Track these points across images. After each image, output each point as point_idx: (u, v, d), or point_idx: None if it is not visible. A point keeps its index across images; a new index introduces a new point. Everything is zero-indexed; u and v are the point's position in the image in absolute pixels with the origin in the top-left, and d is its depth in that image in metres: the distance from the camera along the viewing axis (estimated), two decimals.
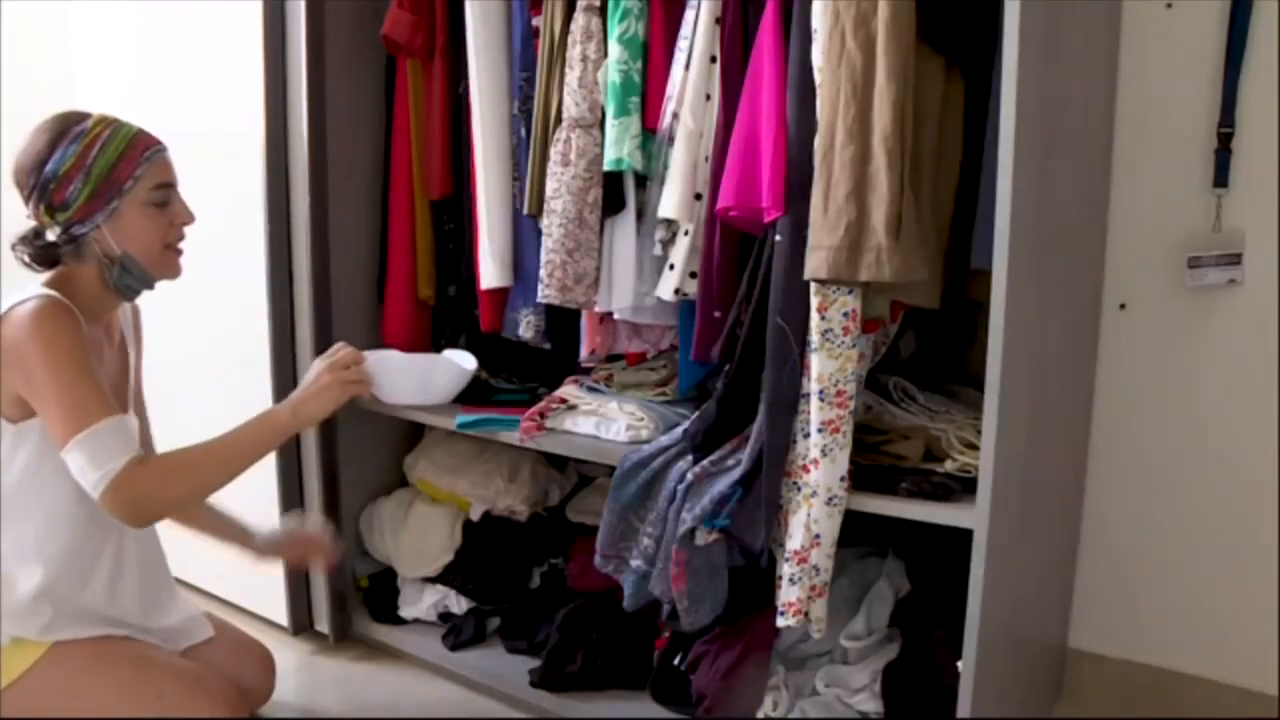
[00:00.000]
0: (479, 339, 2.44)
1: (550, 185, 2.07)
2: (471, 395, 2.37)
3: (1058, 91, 1.76)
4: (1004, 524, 1.72)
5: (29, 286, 1.79)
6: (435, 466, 2.60)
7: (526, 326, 2.25)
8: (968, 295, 1.98)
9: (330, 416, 2.41)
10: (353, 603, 2.66)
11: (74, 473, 1.71)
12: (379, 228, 2.55)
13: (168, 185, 1.86)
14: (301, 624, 2.62)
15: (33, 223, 1.84)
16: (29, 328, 1.71)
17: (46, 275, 1.84)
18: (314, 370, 1.87)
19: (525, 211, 2.15)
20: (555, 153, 2.06)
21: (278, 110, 2.35)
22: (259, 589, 2.60)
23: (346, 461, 2.57)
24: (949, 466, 1.84)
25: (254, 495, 2.47)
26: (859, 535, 1.96)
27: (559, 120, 2.07)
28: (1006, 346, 1.61)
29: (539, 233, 2.16)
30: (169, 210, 1.86)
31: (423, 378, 1.93)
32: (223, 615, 2.31)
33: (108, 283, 1.85)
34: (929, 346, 2.16)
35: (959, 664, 1.76)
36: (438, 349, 2.52)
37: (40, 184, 1.78)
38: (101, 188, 1.79)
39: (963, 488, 1.78)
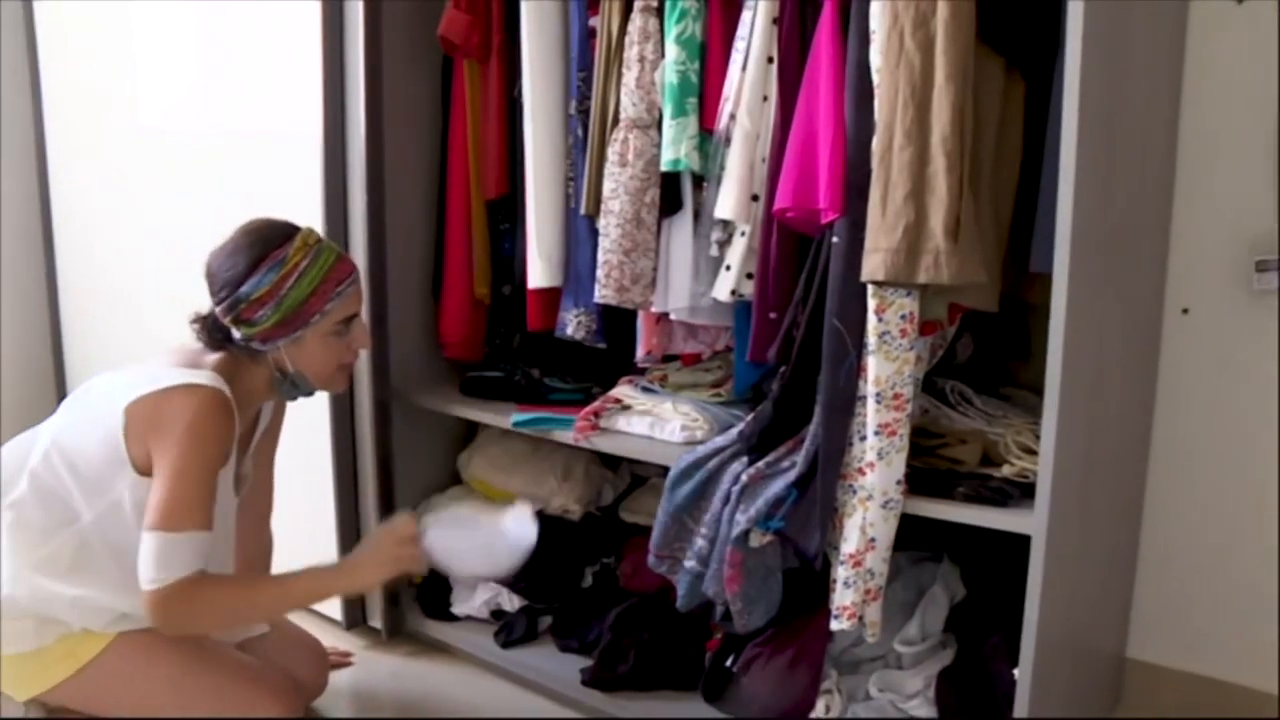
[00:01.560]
0: (533, 338, 2.45)
1: (608, 185, 2.07)
2: (527, 394, 2.39)
3: (1121, 92, 1.74)
4: (1063, 530, 1.70)
5: (203, 371, 1.85)
6: (489, 465, 2.62)
7: (576, 326, 2.25)
8: (1026, 298, 1.97)
9: (384, 416, 2.46)
10: (406, 599, 2.67)
11: (140, 554, 1.77)
12: (435, 227, 2.56)
13: (351, 318, 1.93)
14: (355, 619, 2.64)
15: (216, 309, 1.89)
16: (188, 416, 1.79)
17: (218, 358, 1.90)
18: (374, 538, 1.95)
19: (583, 211, 2.16)
20: (613, 153, 2.06)
21: (336, 111, 2.37)
22: None
23: (401, 459, 2.58)
24: (1006, 471, 1.82)
25: (310, 492, 2.51)
26: (914, 539, 1.95)
27: (616, 121, 2.08)
28: (1067, 351, 1.59)
29: (592, 233, 2.17)
30: (349, 336, 1.94)
31: (484, 554, 1.98)
32: None
33: (273, 385, 1.94)
34: (986, 350, 2.13)
35: (1015, 671, 1.74)
36: (492, 348, 2.55)
37: (233, 300, 1.85)
38: (290, 318, 1.85)
39: (1021, 493, 1.76)
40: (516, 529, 1.99)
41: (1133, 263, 1.98)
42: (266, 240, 1.86)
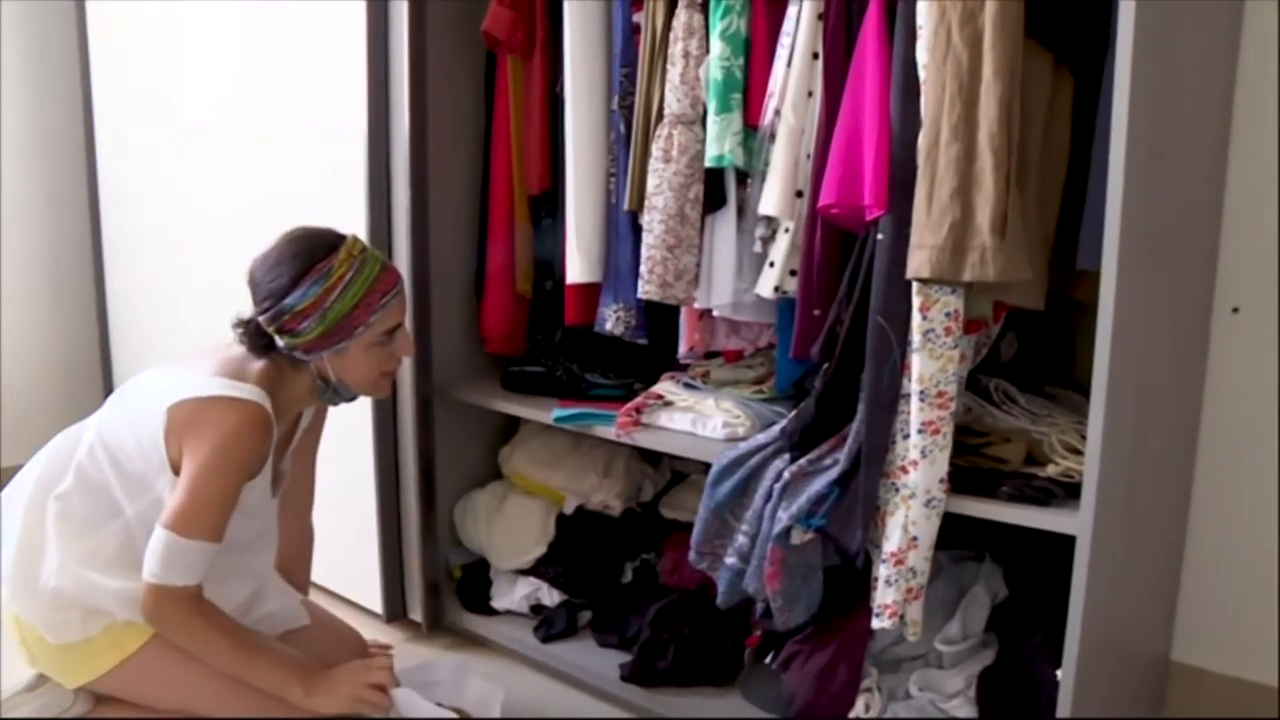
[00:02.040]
0: (574, 333, 2.46)
1: (651, 181, 2.07)
2: (568, 389, 2.40)
3: (1172, 88, 1.72)
4: (1108, 531, 1.68)
5: (246, 385, 1.87)
6: (530, 460, 2.63)
7: (616, 322, 2.25)
8: (1072, 296, 1.95)
9: (426, 411, 2.47)
10: (446, 592, 2.69)
11: (150, 547, 1.81)
12: (478, 223, 2.57)
13: (397, 327, 1.93)
14: (395, 612, 2.66)
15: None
16: (225, 430, 1.82)
17: (262, 368, 1.92)
18: (347, 670, 1.96)
19: (626, 207, 2.16)
20: (657, 149, 2.06)
21: (380, 107, 2.39)
22: (355, 577, 2.65)
23: (442, 453, 2.60)
24: (1051, 471, 1.81)
25: (352, 486, 2.53)
26: (956, 538, 1.94)
27: (660, 116, 2.08)
28: (1114, 350, 1.58)
29: (633, 228, 2.17)
30: (392, 345, 1.95)
31: None
32: (319, 602, 2.36)
33: (316, 392, 1.96)
34: (1030, 348, 2.12)
35: (1058, 673, 1.72)
36: (533, 343, 2.56)
37: (276, 310, 1.85)
38: (334, 330, 1.86)
39: (1065, 493, 1.74)
40: (480, 707, 2.06)
41: (1182, 260, 1.96)
42: (311, 251, 1.86)
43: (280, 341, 1.89)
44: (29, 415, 3.30)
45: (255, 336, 1.91)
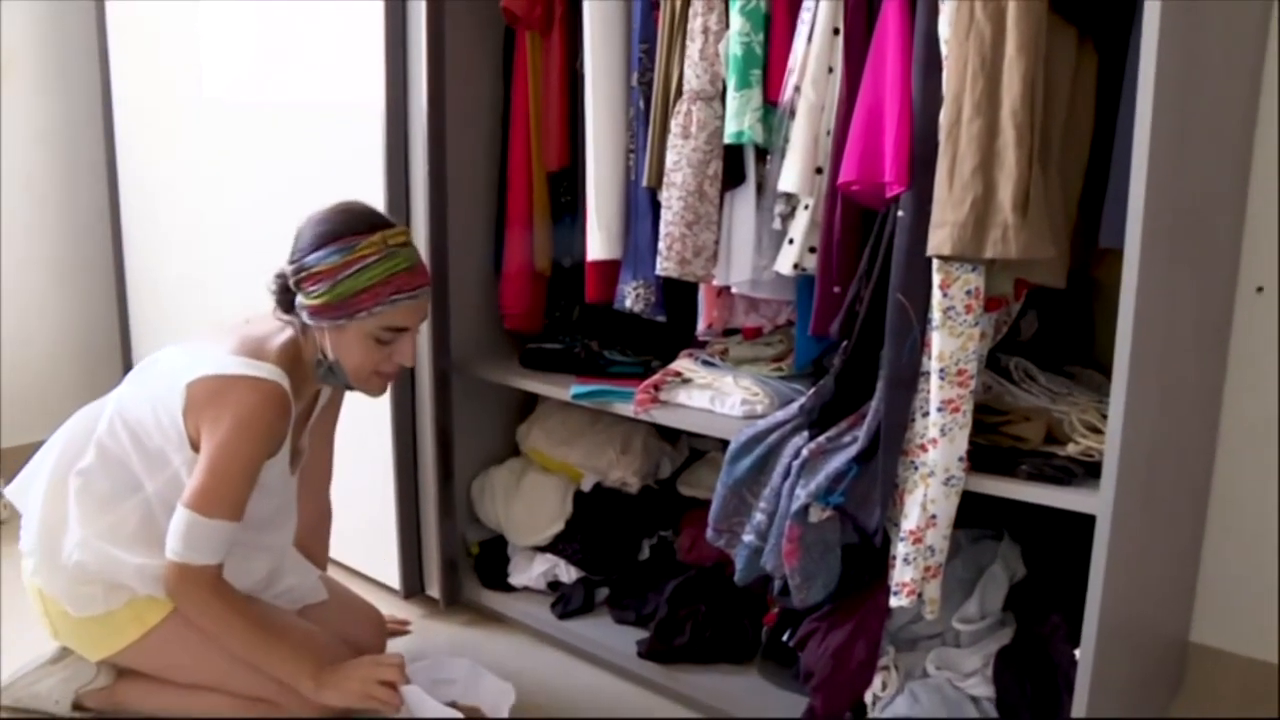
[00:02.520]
0: (593, 310, 2.46)
1: (670, 158, 2.06)
2: (586, 366, 2.40)
3: (1198, 65, 1.69)
4: (1128, 511, 1.67)
5: (266, 365, 1.89)
6: (548, 437, 2.63)
7: (635, 299, 2.25)
8: (1093, 275, 1.94)
9: (444, 387, 2.47)
10: (463, 569, 2.70)
11: (172, 525, 1.84)
12: (496, 199, 2.57)
13: (400, 330, 1.93)
14: (413, 588, 2.67)
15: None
16: (244, 409, 1.85)
17: (281, 346, 1.94)
18: (357, 665, 1.97)
19: (644, 184, 2.15)
20: (676, 125, 2.05)
21: (398, 83, 2.38)
22: (373, 553, 2.67)
23: (460, 429, 2.60)
24: (1071, 450, 1.79)
25: (370, 462, 2.54)
26: (974, 517, 1.93)
27: (679, 93, 2.06)
28: (1136, 328, 1.56)
29: (652, 205, 2.16)
30: (392, 346, 1.94)
31: None
32: (337, 578, 2.37)
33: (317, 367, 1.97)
34: (1051, 327, 2.10)
35: (1076, 652, 1.72)
36: (551, 320, 2.56)
37: (299, 265, 1.89)
38: (337, 304, 1.87)
39: (1085, 472, 1.74)
40: (493, 703, 2.06)
41: (1206, 238, 1.94)
42: (350, 223, 1.89)
43: (298, 299, 1.90)
44: (50, 393, 3.32)
45: (282, 291, 1.93)
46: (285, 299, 1.94)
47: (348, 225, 1.88)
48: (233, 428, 1.83)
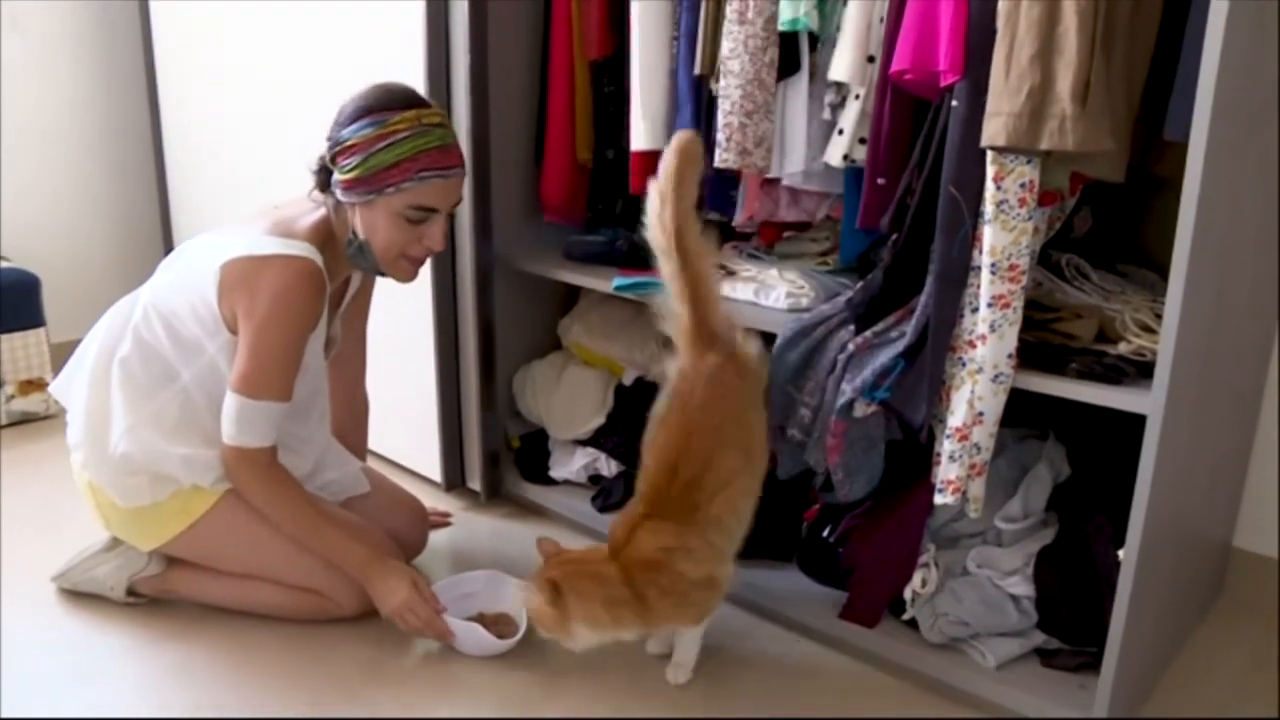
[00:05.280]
0: (636, 203, 2.42)
1: (726, 45, 2.00)
2: (628, 259, 2.37)
3: None
4: (1179, 412, 1.64)
5: (297, 242, 1.89)
6: (590, 330, 2.62)
7: None
8: (1153, 171, 1.88)
9: (486, 281, 2.46)
10: (504, 462, 2.71)
11: (224, 410, 1.88)
12: (538, 89, 2.52)
13: (429, 209, 1.90)
14: (454, 481, 2.69)
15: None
16: (279, 286, 1.85)
17: (312, 225, 1.94)
18: (399, 591, 1.98)
19: (696, 71, 2.09)
20: (731, 10, 1.98)
21: None
22: (415, 446, 2.69)
23: (502, 323, 2.59)
24: (1123, 349, 1.76)
25: (412, 355, 2.54)
26: (1019, 416, 1.91)
27: None
28: (1197, 227, 1.52)
29: (693, 94, 2.11)
30: (421, 229, 1.92)
31: (474, 643, 2.02)
32: (379, 470, 2.39)
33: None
34: (1105, 224, 2.05)
35: (1119, 553, 1.71)
36: (594, 213, 2.52)
37: (335, 139, 1.89)
38: (367, 178, 1.86)
39: (1137, 371, 1.70)
40: (521, 613, 2.05)
41: (1273, 134, 1.87)
42: (384, 100, 1.87)
43: (334, 174, 1.90)
44: (95, 291, 3.35)
45: (321, 170, 1.94)
46: (323, 177, 1.94)
47: (383, 101, 1.87)
48: (270, 308, 1.84)
